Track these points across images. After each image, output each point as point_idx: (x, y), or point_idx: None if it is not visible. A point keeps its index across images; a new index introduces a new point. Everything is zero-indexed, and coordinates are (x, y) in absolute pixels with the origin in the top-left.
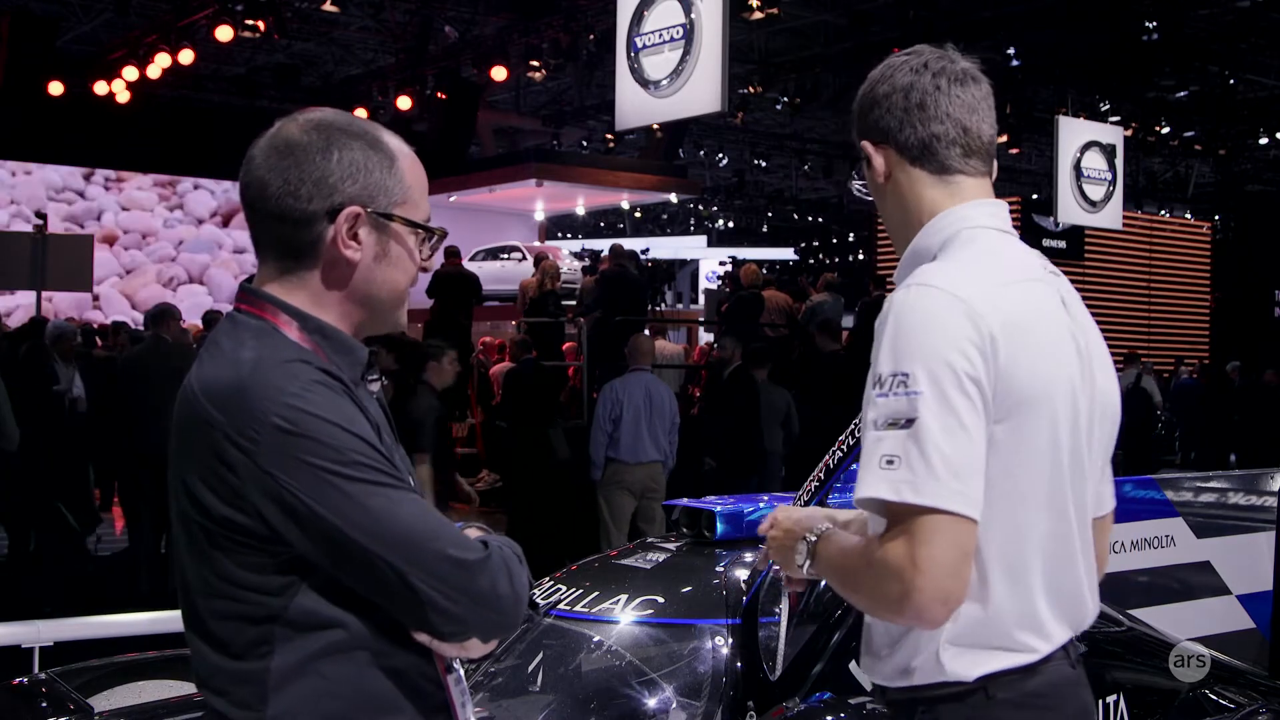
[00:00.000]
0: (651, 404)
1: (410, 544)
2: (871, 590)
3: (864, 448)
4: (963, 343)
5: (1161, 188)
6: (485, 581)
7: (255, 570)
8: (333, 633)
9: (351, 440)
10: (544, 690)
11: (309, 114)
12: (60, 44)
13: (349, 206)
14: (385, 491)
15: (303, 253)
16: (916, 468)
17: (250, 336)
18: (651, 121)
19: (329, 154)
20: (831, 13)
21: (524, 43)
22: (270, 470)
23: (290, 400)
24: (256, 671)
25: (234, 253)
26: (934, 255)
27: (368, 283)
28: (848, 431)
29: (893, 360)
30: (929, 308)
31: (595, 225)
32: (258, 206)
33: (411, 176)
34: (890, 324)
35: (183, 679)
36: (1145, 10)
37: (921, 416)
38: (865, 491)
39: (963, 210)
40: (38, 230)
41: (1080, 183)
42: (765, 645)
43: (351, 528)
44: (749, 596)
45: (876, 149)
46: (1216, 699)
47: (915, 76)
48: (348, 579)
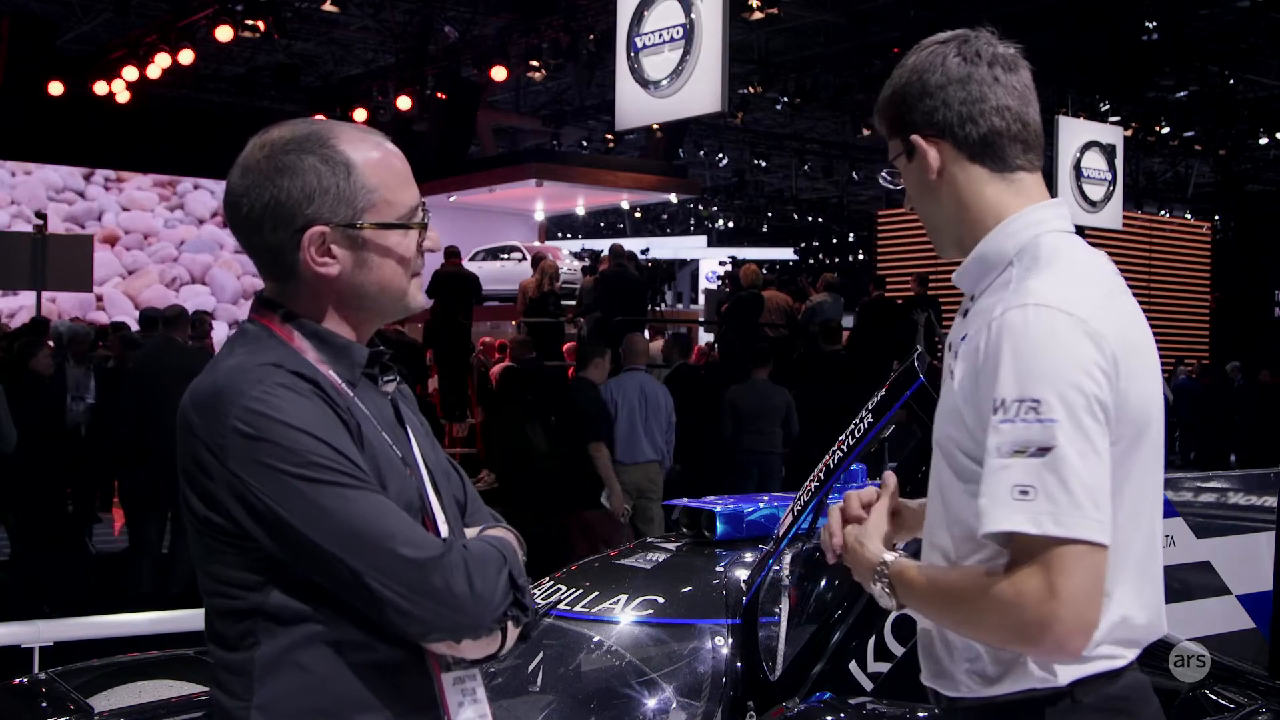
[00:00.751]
0: (647, 404)
1: (363, 544)
2: (998, 623)
3: (986, 474)
4: (1090, 365)
5: (1161, 188)
6: (439, 580)
7: (235, 567)
8: (309, 626)
9: (309, 442)
10: (544, 690)
11: (266, 134)
12: (60, 44)
13: (310, 228)
14: (341, 492)
15: (284, 274)
16: (1057, 498)
17: (242, 344)
18: (651, 121)
19: (279, 180)
20: (831, 13)
21: (524, 43)
22: (237, 473)
23: (249, 404)
24: (244, 662)
25: (235, 253)
26: (1009, 261)
27: (354, 288)
28: (847, 431)
29: (1018, 385)
30: (1053, 329)
31: (595, 225)
32: (237, 232)
33: (377, 177)
34: (1008, 346)
35: (183, 679)
36: (1145, 10)
37: (1060, 444)
38: (1000, 525)
39: (1034, 213)
40: (38, 230)
41: (1080, 183)
42: (765, 645)
43: (308, 528)
44: (749, 596)
45: (929, 144)
46: (1216, 699)
47: (971, 67)
48: (316, 579)
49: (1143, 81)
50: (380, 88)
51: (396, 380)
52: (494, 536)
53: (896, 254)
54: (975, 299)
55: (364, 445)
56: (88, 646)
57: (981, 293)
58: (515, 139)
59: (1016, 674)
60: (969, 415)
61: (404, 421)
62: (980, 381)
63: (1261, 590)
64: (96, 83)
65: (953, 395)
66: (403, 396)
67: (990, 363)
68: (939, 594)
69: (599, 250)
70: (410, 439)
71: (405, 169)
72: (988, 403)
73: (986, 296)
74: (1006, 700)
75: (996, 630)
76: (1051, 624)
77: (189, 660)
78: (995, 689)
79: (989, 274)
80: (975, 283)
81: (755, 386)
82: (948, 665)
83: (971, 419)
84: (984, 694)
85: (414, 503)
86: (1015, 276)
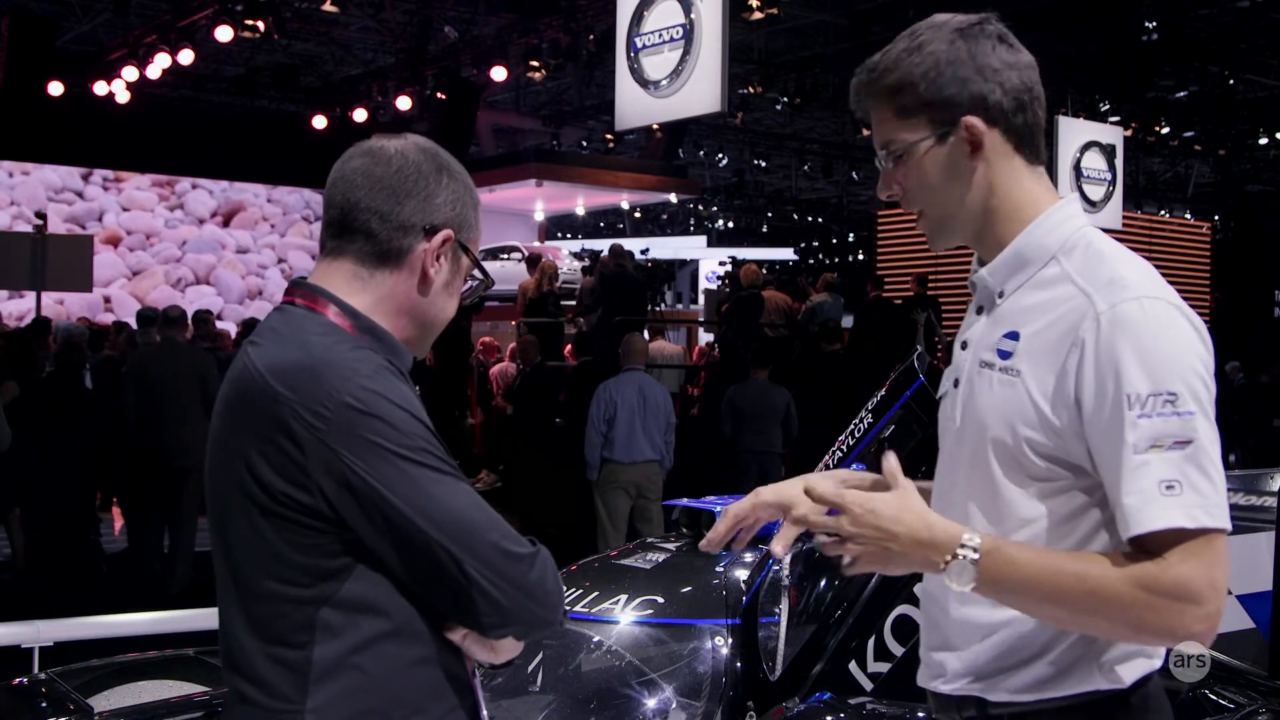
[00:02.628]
0: (645, 403)
1: (467, 532)
2: (1142, 617)
3: (1125, 472)
4: (1206, 358)
5: (1161, 188)
6: (535, 575)
7: (309, 552)
8: (377, 622)
9: (418, 426)
10: (544, 690)
11: (416, 138)
12: (60, 44)
13: (446, 228)
14: (445, 479)
15: (387, 257)
16: (1205, 490)
17: (312, 325)
18: (651, 121)
19: (440, 178)
20: (831, 13)
21: (524, 43)
22: (336, 448)
23: (364, 382)
24: (297, 661)
25: (237, 253)
26: (1051, 257)
27: (431, 304)
28: (847, 431)
29: (1150, 380)
30: (1172, 321)
31: (595, 225)
32: (354, 202)
33: (481, 222)
34: (1128, 341)
35: (183, 679)
36: (1145, 10)
37: (1199, 437)
38: (1157, 523)
39: (1068, 207)
40: (37, 230)
41: (1080, 183)
42: (765, 645)
43: (412, 510)
44: (749, 596)
45: (988, 128)
46: (1216, 699)
47: (1017, 54)
48: (400, 564)
49: (1143, 81)
50: (380, 88)
51: (415, 389)
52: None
53: (896, 254)
54: (1004, 296)
55: None
56: (88, 646)
57: (1016, 289)
58: (515, 139)
59: (1080, 675)
60: (1057, 415)
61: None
62: (1081, 380)
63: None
64: (96, 83)
65: (1019, 395)
66: None
67: (1104, 360)
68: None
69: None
70: None
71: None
72: (1104, 401)
73: (1034, 292)
74: (1063, 705)
75: (1140, 625)
76: (1213, 615)
77: (189, 660)
78: (1049, 692)
79: (1024, 269)
80: (1006, 279)
81: (755, 386)
82: (985, 667)
83: (1063, 419)
84: (1034, 698)
85: None
86: (1078, 271)
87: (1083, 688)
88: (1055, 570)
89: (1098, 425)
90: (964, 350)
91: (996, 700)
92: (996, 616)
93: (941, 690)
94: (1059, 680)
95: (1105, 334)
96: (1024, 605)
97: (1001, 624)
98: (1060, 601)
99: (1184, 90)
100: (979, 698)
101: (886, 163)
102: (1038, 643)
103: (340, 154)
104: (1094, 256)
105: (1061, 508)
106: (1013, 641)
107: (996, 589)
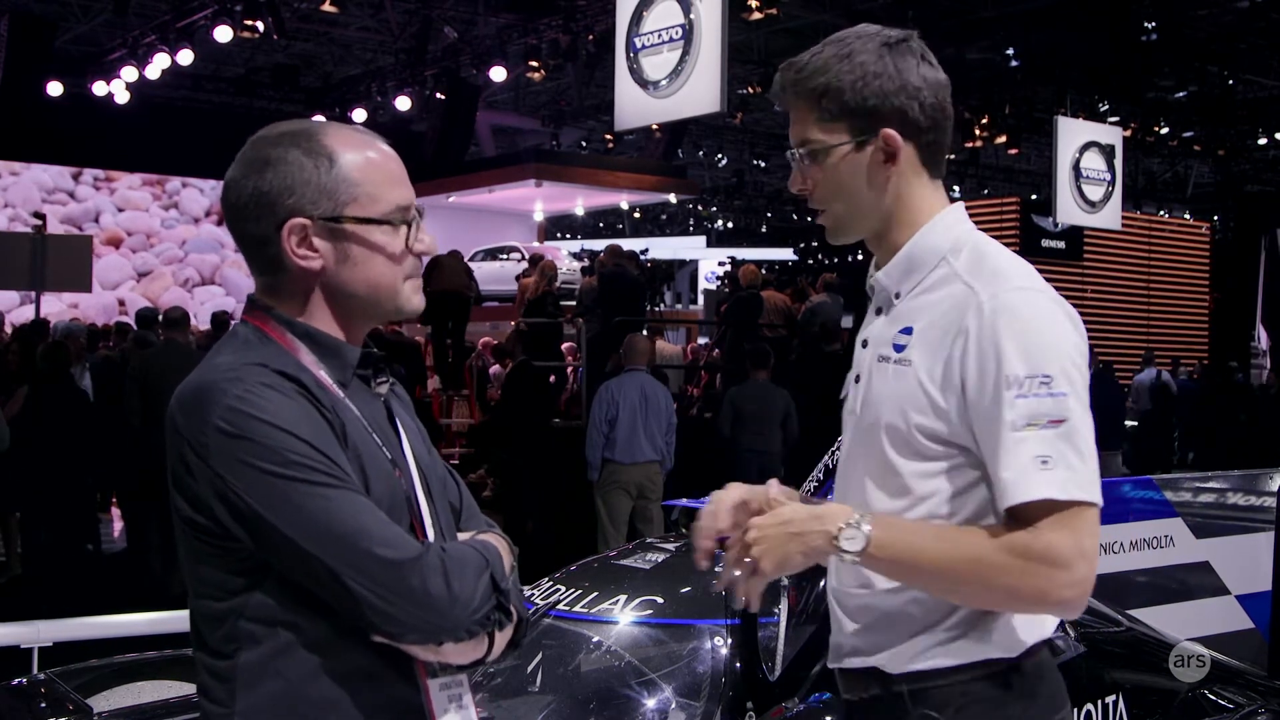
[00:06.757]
0: (647, 404)
1: (340, 543)
2: (1015, 583)
3: (1003, 448)
4: (1080, 345)
5: (1160, 188)
6: (415, 580)
7: (219, 568)
8: (291, 631)
9: (289, 441)
10: (543, 690)
11: (263, 131)
12: (59, 44)
13: (291, 219)
14: (321, 491)
15: (270, 267)
16: (1075, 465)
17: (231, 345)
18: (651, 122)
19: (264, 171)
20: (831, 13)
21: (524, 43)
22: (219, 472)
23: (231, 403)
24: (226, 669)
25: (238, 251)
26: (941, 258)
27: (339, 285)
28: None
29: (1027, 363)
30: (1048, 310)
31: (595, 226)
32: (229, 225)
33: (361, 171)
34: (1008, 328)
35: (183, 679)
36: (1145, 10)
37: (1072, 416)
38: (1031, 494)
39: (955, 213)
40: (37, 231)
41: (1079, 183)
42: (764, 645)
43: (287, 526)
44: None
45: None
46: (1216, 699)
47: (937, 73)
48: (296, 578)
49: (1142, 82)
50: (380, 88)
51: (390, 382)
52: (479, 541)
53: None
54: (901, 297)
55: (348, 445)
56: (87, 646)
57: (911, 290)
58: (515, 139)
59: (972, 642)
60: (945, 399)
61: (396, 423)
62: (965, 365)
63: (1260, 590)
64: (96, 83)
65: (910, 383)
66: (397, 399)
67: (986, 345)
68: (941, 551)
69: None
70: (402, 441)
71: (396, 169)
72: (985, 383)
73: (926, 292)
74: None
75: (1013, 591)
76: (1081, 582)
77: (189, 660)
78: (943, 660)
79: (917, 271)
80: (900, 281)
81: (755, 387)
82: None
83: (950, 403)
84: (929, 666)
85: (401, 504)
86: (964, 269)
87: (975, 656)
88: (937, 537)
89: (980, 406)
90: (864, 348)
91: (896, 673)
92: (893, 599)
93: (846, 666)
94: (952, 648)
95: (988, 321)
96: (910, 576)
97: (896, 602)
98: (942, 570)
99: (1184, 90)
100: (879, 670)
101: (802, 159)
102: (931, 616)
103: None
104: (978, 255)
105: (952, 484)
106: (907, 615)
107: (885, 552)
